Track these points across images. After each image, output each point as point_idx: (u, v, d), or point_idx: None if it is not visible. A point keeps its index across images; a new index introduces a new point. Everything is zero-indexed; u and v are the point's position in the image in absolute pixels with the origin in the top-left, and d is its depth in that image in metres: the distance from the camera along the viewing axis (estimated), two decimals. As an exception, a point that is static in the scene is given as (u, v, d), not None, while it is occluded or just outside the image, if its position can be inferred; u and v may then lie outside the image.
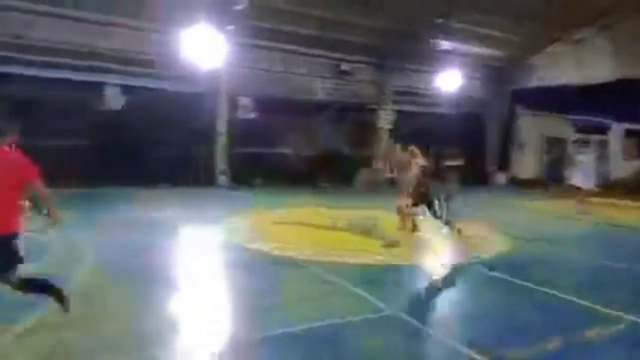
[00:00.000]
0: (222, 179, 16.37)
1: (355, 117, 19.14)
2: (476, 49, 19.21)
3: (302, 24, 15.89)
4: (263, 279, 5.62)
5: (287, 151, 18.04)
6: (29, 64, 13.45)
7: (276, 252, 6.77)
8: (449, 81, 19.00)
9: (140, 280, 5.29)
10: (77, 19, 13.82)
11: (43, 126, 13.36)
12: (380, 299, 4.79)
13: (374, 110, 19.72)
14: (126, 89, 14.96)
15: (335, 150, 18.55)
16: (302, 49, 17.35)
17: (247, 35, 15.41)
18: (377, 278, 5.79)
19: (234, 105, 16.68)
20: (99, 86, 14.71)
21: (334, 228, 8.89)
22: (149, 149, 14.57)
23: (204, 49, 12.62)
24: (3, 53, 13.15)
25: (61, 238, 6.84)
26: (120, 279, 5.30)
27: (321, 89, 18.54)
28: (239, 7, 13.13)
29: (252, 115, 16.96)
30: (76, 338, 3.68)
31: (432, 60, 18.81)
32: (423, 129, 18.74)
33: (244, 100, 16.80)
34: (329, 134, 18.65)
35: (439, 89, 19.42)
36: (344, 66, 18.43)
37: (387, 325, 4.27)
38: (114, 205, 11.24)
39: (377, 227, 8.40)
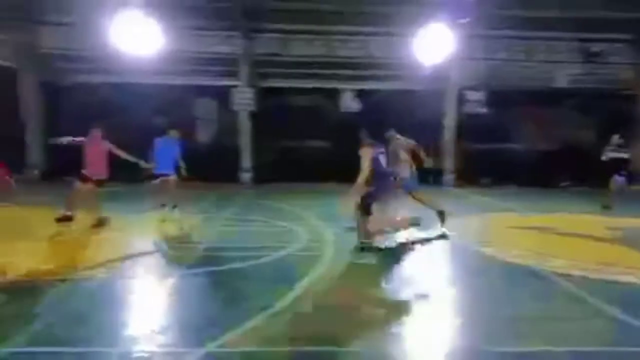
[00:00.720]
0: (449, 178, 16.08)
1: (608, 106, 16.25)
2: None
3: (544, 5, 14.29)
4: (500, 287, 5.31)
5: (520, 147, 16.52)
6: (286, 76, 15.90)
7: (515, 260, 6.24)
8: None
9: (372, 271, 5.69)
10: (317, 32, 15.60)
11: (293, 130, 15.73)
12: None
13: (633, 97, 16.39)
14: (361, 92, 16.37)
15: (580, 144, 16.08)
16: (542, 33, 15.61)
17: (478, 26, 14.65)
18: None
19: (462, 99, 16.18)
20: (337, 92, 16.49)
21: (583, 236, 7.75)
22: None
23: (435, 46, 12.50)
24: (264, 70, 15.89)
25: (311, 228, 8.14)
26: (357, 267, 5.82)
27: (563, 75, 16.37)
28: (474, -2, 12.52)
29: (483, 109, 16.10)
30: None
31: None
32: None
33: (474, 94, 16.08)
34: (573, 126, 16.32)
35: None
36: (595, 47, 15.82)
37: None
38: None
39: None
